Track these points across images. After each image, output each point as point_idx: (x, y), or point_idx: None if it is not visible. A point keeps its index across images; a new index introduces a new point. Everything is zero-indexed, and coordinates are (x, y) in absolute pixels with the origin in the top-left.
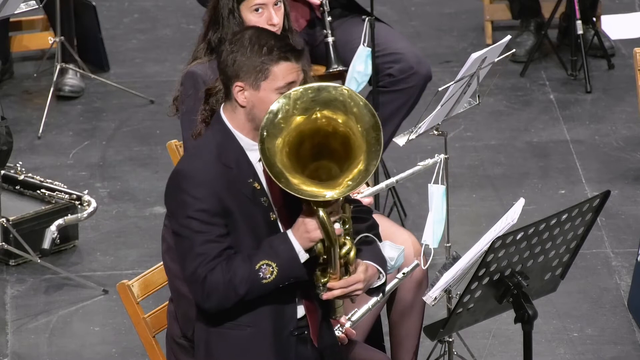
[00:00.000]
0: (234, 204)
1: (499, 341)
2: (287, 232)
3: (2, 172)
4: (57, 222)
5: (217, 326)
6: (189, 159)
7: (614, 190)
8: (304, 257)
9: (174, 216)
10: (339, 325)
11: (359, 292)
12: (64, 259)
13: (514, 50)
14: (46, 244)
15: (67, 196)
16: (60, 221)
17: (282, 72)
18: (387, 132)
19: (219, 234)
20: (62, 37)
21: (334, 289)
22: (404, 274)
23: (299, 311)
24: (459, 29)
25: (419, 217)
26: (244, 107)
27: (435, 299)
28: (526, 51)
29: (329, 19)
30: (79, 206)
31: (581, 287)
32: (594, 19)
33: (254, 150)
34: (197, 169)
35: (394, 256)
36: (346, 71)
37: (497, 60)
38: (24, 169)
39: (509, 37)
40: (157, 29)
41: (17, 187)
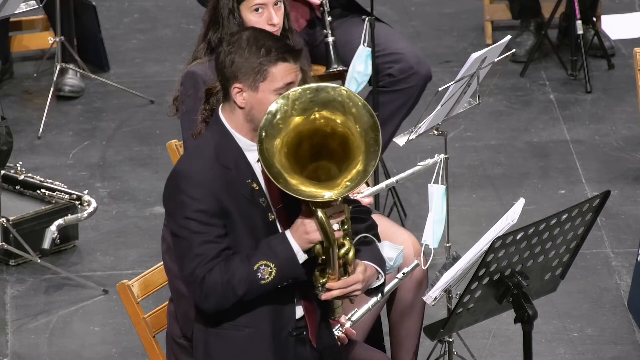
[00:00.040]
0: (233, 204)
1: (499, 341)
2: (286, 233)
3: (2, 172)
4: (57, 222)
5: (216, 327)
6: (187, 159)
7: (614, 190)
8: (302, 258)
9: (173, 217)
10: (339, 325)
11: (357, 293)
12: (64, 259)
13: (514, 50)
14: (46, 244)
15: (67, 196)
16: (60, 221)
17: (281, 73)
18: (387, 132)
19: (218, 235)
20: (62, 37)
21: (332, 290)
22: (404, 274)
23: (298, 312)
24: (459, 29)
25: (419, 217)
26: (242, 109)
27: (435, 299)
28: (526, 51)
29: (329, 19)
30: (79, 206)
31: (581, 287)
32: (594, 19)
33: (253, 150)
34: (196, 170)
35: (393, 256)
36: (346, 71)
37: (497, 60)
38: (24, 169)
39: (509, 37)
40: (157, 29)
41: (17, 187)
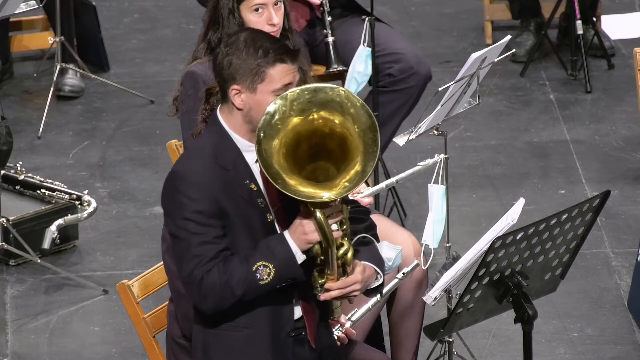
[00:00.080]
0: (231, 205)
1: (499, 341)
2: (284, 233)
3: (2, 172)
4: (57, 222)
5: (214, 327)
6: (185, 160)
7: (614, 190)
8: (301, 258)
9: (171, 217)
10: (339, 325)
11: (356, 293)
12: (64, 259)
13: (514, 50)
14: (46, 244)
15: (67, 196)
16: (60, 221)
17: (279, 74)
18: (387, 132)
19: (216, 236)
20: (62, 37)
21: (331, 290)
22: (404, 274)
23: (296, 312)
24: (459, 29)
25: (419, 217)
26: (240, 110)
27: (435, 299)
28: (526, 51)
29: (329, 19)
30: (79, 206)
31: (581, 287)
32: (594, 19)
33: (251, 151)
34: (194, 171)
35: (392, 256)
36: (346, 71)
37: (497, 60)
38: (24, 169)
39: (509, 37)
40: (157, 29)
41: (17, 187)
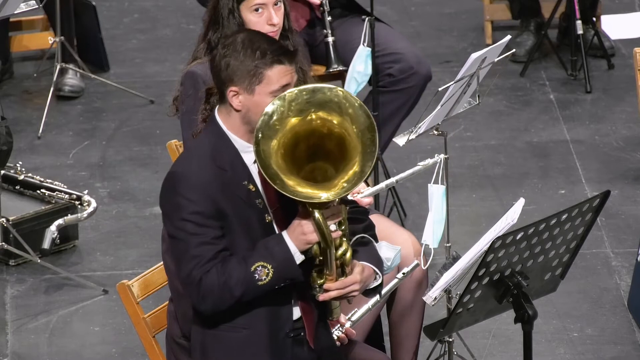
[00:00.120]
0: (229, 206)
1: (499, 341)
2: (283, 234)
3: (2, 172)
4: (57, 222)
5: (213, 328)
6: (183, 161)
7: (614, 190)
8: (299, 259)
9: (169, 218)
10: (339, 325)
11: (355, 293)
12: (64, 259)
13: (514, 50)
14: (46, 244)
15: (67, 196)
16: (60, 221)
17: (276, 75)
18: (387, 132)
19: (214, 236)
20: (62, 37)
21: (330, 290)
22: (404, 274)
23: (295, 313)
24: (459, 29)
25: (419, 217)
26: (239, 111)
27: (435, 299)
28: (526, 51)
29: (329, 18)
30: (79, 206)
31: (581, 287)
32: (594, 19)
33: (249, 152)
34: (192, 172)
35: (391, 257)
36: (346, 71)
37: (497, 60)
38: (24, 169)
39: (509, 37)
40: (157, 29)
41: (17, 187)
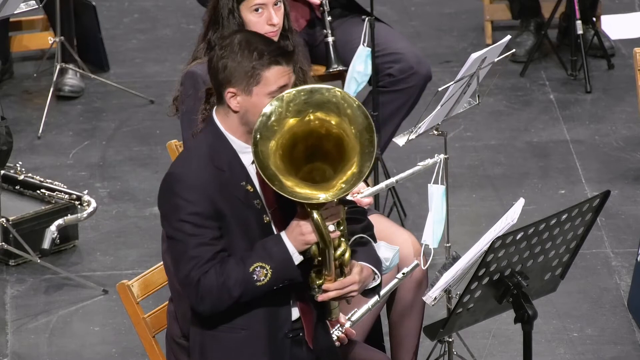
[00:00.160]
0: (227, 206)
1: (499, 341)
2: (281, 234)
3: (2, 172)
4: (57, 222)
5: (212, 329)
6: (181, 162)
7: (614, 190)
8: (298, 259)
9: (167, 219)
10: (338, 325)
11: (354, 294)
12: (64, 259)
13: (514, 50)
14: (46, 244)
15: (67, 196)
16: (60, 221)
17: (274, 76)
18: (387, 132)
19: (212, 237)
20: (62, 37)
21: (329, 291)
22: (403, 274)
23: (294, 313)
24: (459, 29)
25: (419, 217)
26: (236, 112)
27: (435, 299)
28: (526, 51)
29: (329, 18)
30: (79, 206)
31: (581, 287)
32: (594, 19)
33: (247, 152)
34: (190, 172)
35: (389, 257)
36: (346, 71)
37: (497, 60)
38: (24, 169)
39: (509, 37)
40: (157, 29)
41: (17, 187)
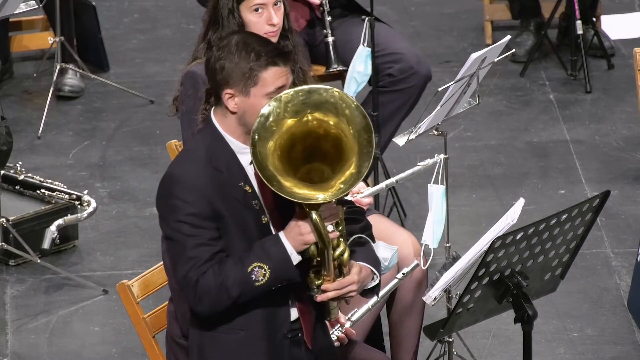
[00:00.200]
0: (225, 207)
1: (499, 341)
2: (279, 234)
3: (2, 172)
4: (57, 222)
5: (210, 330)
6: (178, 163)
7: (614, 190)
8: (296, 259)
9: (165, 220)
10: (338, 325)
11: (353, 294)
12: (64, 259)
13: (514, 50)
14: (46, 244)
15: (67, 196)
16: (60, 221)
17: (271, 77)
18: (387, 132)
19: (210, 238)
20: (62, 37)
21: (328, 291)
22: (403, 274)
23: (293, 314)
24: (459, 29)
25: (419, 217)
26: (234, 113)
27: (435, 299)
28: (526, 51)
29: (329, 18)
30: (79, 206)
31: (581, 287)
32: (594, 19)
33: (245, 153)
34: (187, 173)
35: (388, 257)
36: (346, 71)
37: (497, 60)
38: (24, 169)
39: (508, 37)
40: (157, 29)
41: (17, 187)
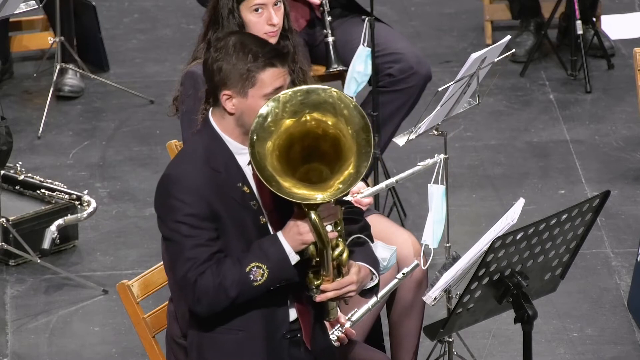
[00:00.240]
0: (223, 208)
1: (499, 341)
2: (278, 234)
3: (2, 172)
4: (57, 222)
5: (209, 331)
6: (177, 163)
7: (614, 190)
8: (294, 259)
9: (163, 221)
10: (338, 325)
11: (352, 294)
12: (64, 259)
13: (514, 50)
14: (46, 244)
15: (67, 196)
16: (60, 221)
17: (269, 78)
18: (387, 132)
19: (209, 238)
20: (62, 37)
21: (327, 291)
22: (404, 274)
23: (291, 314)
24: (459, 29)
25: (419, 217)
26: (232, 114)
27: (435, 299)
28: (526, 51)
29: (329, 18)
30: (79, 206)
31: (581, 287)
32: (594, 19)
33: (243, 154)
34: (186, 174)
35: (386, 257)
36: (346, 71)
37: (497, 60)
38: (24, 169)
39: (508, 37)
40: (157, 29)
41: (17, 187)
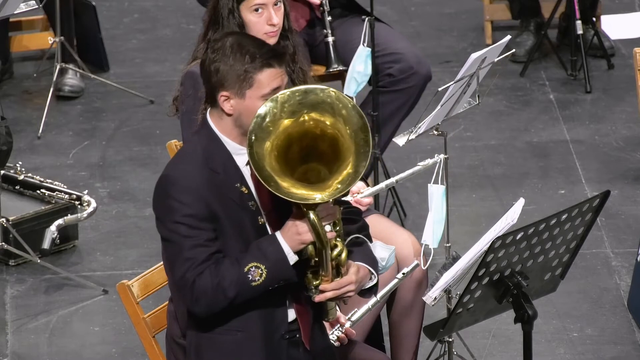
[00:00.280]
0: (221, 208)
1: (499, 341)
2: (276, 234)
3: (2, 172)
4: (57, 222)
5: (208, 331)
6: (175, 164)
7: (614, 190)
8: (293, 259)
9: (162, 221)
10: (338, 325)
11: (351, 294)
12: (64, 259)
13: (514, 50)
14: (46, 244)
15: (67, 196)
16: (60, 221)
17: (267, 79)
18: (387, 132)
19: (207, 238)
20: (62, 37)
21: (326, 291)
22: (404, 274)
23: (290, 314)
24: (459, 29)
25: (419, 217)
26: (230, 115)
27: (435, 299)
28: (526, 51)
29: (329, 18)
30: (79, 206)
31: (581, 287)
32: (594, 19)
33: (241, 154)
34: (184, 174)
35: (385, 256)
36: (346, 71)
37: (497, 60)
38: (24, 169)
39: (508, 37)
40: (157, 29)
41: (17, 187)
